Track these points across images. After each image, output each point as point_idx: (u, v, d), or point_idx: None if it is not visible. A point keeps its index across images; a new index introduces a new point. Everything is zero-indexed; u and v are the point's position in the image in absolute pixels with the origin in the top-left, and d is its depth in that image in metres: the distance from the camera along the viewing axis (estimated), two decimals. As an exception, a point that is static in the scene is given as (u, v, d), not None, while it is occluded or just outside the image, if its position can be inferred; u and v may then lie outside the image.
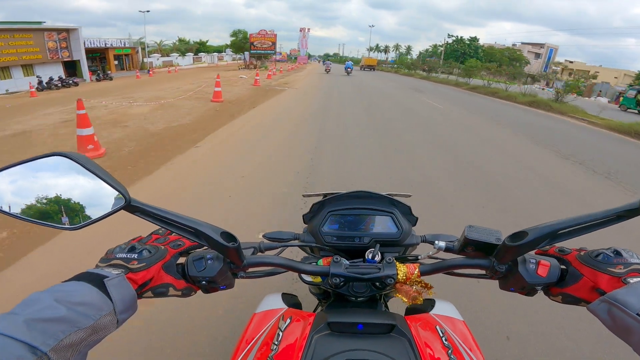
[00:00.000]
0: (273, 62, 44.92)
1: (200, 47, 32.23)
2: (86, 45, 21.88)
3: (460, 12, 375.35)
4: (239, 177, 3.58)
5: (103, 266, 0.47)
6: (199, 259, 0.52)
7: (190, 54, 40.26)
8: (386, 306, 0.70)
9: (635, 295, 0.38)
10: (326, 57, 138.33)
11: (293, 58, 70.55)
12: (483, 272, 0.54)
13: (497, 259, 0.50)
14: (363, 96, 12.94)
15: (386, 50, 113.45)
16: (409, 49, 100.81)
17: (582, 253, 0.50)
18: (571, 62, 60.44)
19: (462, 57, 41.24)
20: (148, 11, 34.80)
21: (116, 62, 27.25)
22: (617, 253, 0.47)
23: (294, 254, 1.24)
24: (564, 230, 0.45)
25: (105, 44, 25.25)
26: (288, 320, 0.56)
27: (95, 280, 0.40)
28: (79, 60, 21.10)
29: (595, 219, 0.44)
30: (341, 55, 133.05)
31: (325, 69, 30.64)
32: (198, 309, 1.67)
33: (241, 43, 36.84)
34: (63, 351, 0.33)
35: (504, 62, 49.44)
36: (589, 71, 49.57)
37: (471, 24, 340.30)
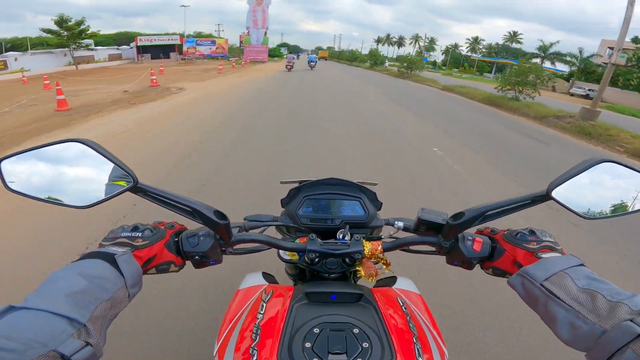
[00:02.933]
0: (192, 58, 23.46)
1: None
2: None
3: (454, 9, 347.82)
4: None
5: (108, 244, 0.49)
6: (193, 236, 0.58)
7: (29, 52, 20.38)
8: (355, 282, 0.78)
9: (542, 269, 0.45)
10: (318, 50, 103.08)
11: (240, 50, 36.85)
12: (434, 249, 0.64)
13: (443, 236, 0.61)
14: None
15: (400, 43, 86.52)
16: (432, 41, 76.39)
17: (506, 232, 0.60)
18: None
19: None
20: None
21: None
22: (532, 232, 0.57)
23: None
24: (492, 212, 0.55)
25: None
26: (270, 294, 0.63)
27: (107, 257, 0.43)
28: None
29: (515, 202, 0.54)
30: (336, 49, 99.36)
31: (286, 65, 22.23)
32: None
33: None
34: (95, 322, 0.35)
35: None
36: None
37: (467, 21, 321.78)
